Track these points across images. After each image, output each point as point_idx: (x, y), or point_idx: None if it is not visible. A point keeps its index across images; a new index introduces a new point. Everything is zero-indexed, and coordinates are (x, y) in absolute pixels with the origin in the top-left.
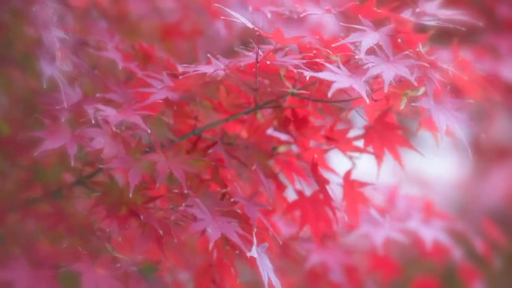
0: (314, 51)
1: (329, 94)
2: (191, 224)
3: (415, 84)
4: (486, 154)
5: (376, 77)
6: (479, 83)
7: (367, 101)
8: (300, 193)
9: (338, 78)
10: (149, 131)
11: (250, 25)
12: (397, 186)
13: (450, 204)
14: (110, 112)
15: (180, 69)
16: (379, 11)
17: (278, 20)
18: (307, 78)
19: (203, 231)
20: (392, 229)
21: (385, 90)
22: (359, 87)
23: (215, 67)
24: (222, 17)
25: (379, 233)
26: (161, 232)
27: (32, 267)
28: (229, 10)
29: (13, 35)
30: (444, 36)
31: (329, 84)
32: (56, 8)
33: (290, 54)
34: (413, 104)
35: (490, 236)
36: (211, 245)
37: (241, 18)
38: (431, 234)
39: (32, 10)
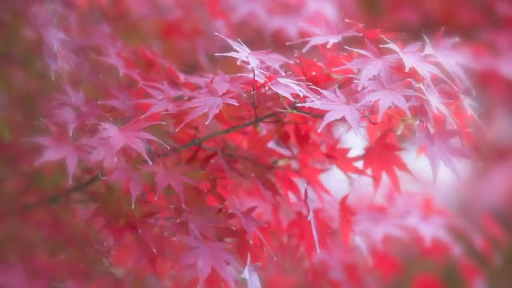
0: (314, 73)
1: (320, 129)
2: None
3: (409, 115)
4: (486, 154)
5: (375, 103)
6: (472, 124)
7: (357, 133)
8: (298, 213)
9: (333, 107)
10: (150, 161)
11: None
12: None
13: (450, 204)
14: (112, 132)
15: (182, 78)
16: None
17: (277, 10)
18: (306, 106)
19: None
20: (391, 225)
21: (379, 120)
22: (352, 118)
23: (214, 100)
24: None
25: (378, 229)
26: (155, 251)
27: (28, 275)
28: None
29: (13, 35)
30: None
31: None
32: (56, 8)
33: (294, 69)
34: (409, 143)
35: (490, 233)
36: (200, 284)
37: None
38: (430, 230)
39: (32, 10)
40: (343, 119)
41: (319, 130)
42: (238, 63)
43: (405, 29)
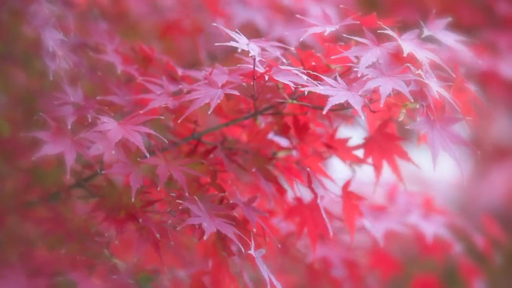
0: (313, 63)
1: (325, 111)
2: (188, 221)
3: (412, 100)
4: (486, 154)
5: (375, 90)
6: (476, 104)
7: (362, 117)
8: (298, 200)
9: (335, 92)
10: (147, 154)
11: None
12: (397, 182)
13: (450, 204)
14: (111, 125)
15: (180, 72)
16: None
17: (277, 17)
18: (306, 93)
19: (199, 226)
20: (392, 223)
21: (381, 105)
22: (355, 102)
23: (214, 92)
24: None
25: (379, 225)
26: (158, 235)
27: (29, 275)
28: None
29: (13, 35)
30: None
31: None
32: (54, 8)
33: (292, 61)
34: (409, 126)
35: (490, 233)
36: (206, 236)
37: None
38: (431, 228)
39: (30, 10)
40: (344, 107)
41: (324, 112)
42: (238, 51)
43: (405, 29)
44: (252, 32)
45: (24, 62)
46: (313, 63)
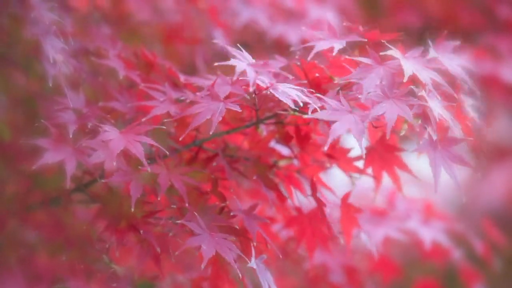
0: (317, 74)
1: (326, 146)
2: (189, 237)
3: (417, 128)
4: (486, 155)
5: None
6: (475, 129)
7: (363, 153)
8: (298, 209)
9: (338, 117)
10: (147, 166)
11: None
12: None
13: (450, 204)
14: (113, 135)
15: (182, 79)
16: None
17: (278, 17)
18: (309, 111)
19: (199, 247)
20: (391, 228)
21: (388, 136)
22: (357, 130)
23: (216, 105)
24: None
25: (379, 232)
26: (158, 249)
27: (28, 281)
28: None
29: (13, 38)
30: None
31: None
32: (54, 16)
33: (296, 71)
34: (412, 150)
35: (490, 237)
36: (204, 263)
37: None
38: (430, 234)
39: (31, 16)
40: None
41: (325, 148)
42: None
43: (405, 32)
44: (254, 32)
45: (24, 65)
46: (317, 74)
